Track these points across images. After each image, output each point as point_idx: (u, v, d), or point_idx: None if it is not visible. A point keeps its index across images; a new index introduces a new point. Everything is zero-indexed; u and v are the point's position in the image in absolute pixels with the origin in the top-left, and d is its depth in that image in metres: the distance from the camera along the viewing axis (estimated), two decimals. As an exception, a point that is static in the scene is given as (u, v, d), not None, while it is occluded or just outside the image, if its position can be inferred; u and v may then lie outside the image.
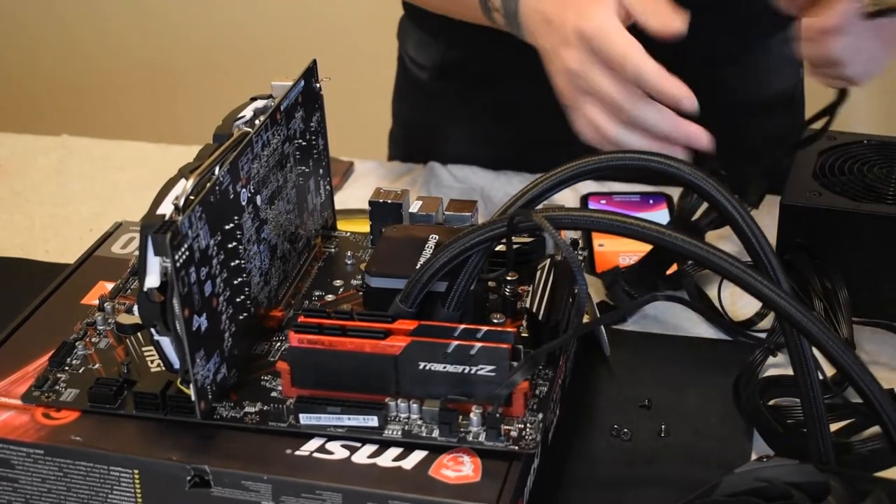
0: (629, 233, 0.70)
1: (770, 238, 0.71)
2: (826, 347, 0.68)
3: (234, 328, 0.75)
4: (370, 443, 0.70)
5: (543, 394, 0.73)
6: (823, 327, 0.68)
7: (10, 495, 0.73)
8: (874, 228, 0.88)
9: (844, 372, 0.68)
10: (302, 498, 0.69)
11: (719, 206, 0.71)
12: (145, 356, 0.77)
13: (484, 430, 0.70)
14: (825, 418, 0.70)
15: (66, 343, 0.79)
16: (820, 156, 0.96)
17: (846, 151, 0.97)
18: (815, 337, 0.68)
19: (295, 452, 0.70)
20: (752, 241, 0.70)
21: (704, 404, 0.83)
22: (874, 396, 0.68)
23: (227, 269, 0.74)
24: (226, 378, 0.74)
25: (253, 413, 0.73)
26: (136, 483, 0.71)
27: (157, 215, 0.69)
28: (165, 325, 0.70)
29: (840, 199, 0.90)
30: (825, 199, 0.90)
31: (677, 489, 0.75)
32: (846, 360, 0.68)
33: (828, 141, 0.98)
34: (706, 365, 0.87)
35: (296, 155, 0.84)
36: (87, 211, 1.13)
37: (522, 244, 0.81)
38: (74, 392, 0.75)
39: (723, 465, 0.76)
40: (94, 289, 0.87)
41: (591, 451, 0.79)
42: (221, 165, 0.73)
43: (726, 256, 0.68)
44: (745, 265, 0.68)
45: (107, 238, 0.94)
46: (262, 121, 0.78)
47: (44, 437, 0.72)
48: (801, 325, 0.68)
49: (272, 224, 0.81)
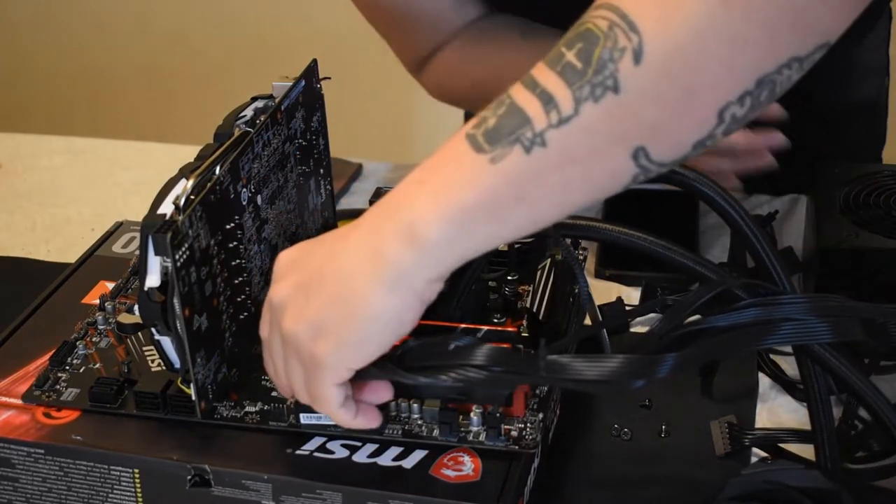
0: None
1: (797, 240, 0.70)
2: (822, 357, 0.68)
3: (234, 328, 0.75)
4: (370, 442, 0.70)
5: (544, 394, 0.73)
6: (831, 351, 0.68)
7: (10, 494, 0.74)
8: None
9: (844, 381, 0.68)
10: (302, 497, 0.69)
11: (722, 210, 0.71)
12: (146, 356, 0.77)
13: (484, 429, 0.70)
14: (832, 425, 0.70)
15: (67, 342, 0.79)
16: (841, 189, 0.93)
17: (867, 183, 0.94)
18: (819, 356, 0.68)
19: (295, 452, 0.70)
20: (757, 246, 0.70)
21: (704, 404, 0.83)
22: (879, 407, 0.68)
23: (227, 268, 0.74)
24: (226, 377, 0.74)
25: (253, 412, 0.73)
26: (137, 482, 0.71)
27: (157, 215, 0.69)
28: (166, 325, 0.70)
29: (877, 238, 0.87)
30: (864, 240, 0.87)
31: (677, 489, 0.75)
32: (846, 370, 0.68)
33: (843, 173, 0.95)
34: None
35: (296, 155, 0.84)
36: (89, 211, 1.13)
37: (522, 244, 0.81)
38: (75, 391, 0.75)
39: (723, 465, 0.76)
40: (95, 288, 0.87)
41: (591, 451, 0.79)
42: (222, 165, 0.73)
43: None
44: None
45: (107, 237, 0.94)
46: (262, 120, 0.78)
47: (44, 436, 0.72)
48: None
49: (273, 224, 0.81)
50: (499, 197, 0.59)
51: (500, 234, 0.60)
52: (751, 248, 0.70)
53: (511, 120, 0.58)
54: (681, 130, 0.57)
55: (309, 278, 0.65)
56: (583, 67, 0.56)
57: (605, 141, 0.57)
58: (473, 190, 0.59)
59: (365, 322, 0.63)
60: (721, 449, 0.77)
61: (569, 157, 0.57)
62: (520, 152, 0.58)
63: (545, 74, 0.58)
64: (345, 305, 0.63)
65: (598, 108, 0.56)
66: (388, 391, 0.68)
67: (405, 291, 0.61)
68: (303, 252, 0.67)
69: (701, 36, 0.55)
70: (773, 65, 0.56)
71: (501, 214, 0.59)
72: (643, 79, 0.55)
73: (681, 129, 0.57)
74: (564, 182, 0.58)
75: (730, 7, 0.54)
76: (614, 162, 0.58)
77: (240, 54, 2.38)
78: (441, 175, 0.60)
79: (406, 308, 0.62)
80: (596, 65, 0.56)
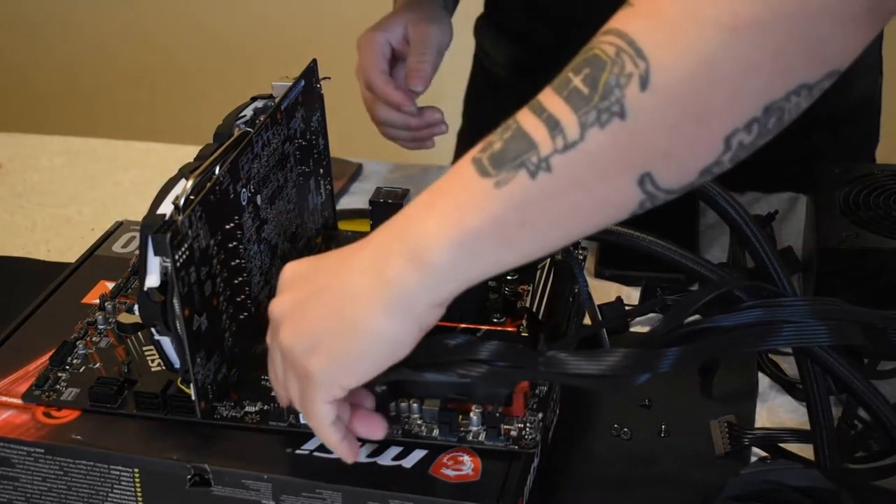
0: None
1: (797, 240, 0.70)
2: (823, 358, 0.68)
3: (234, 328, 0.75)
4: (370, 442, 0.70)
5: (543, 393, 0.73)
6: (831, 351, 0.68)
7: (10, 494, 0.74)
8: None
9: (844, 381, 0.68)
10: (302, 497, 0.69)
11: (722, 210, 0.71)
12: (146, 356, 0.77)
13: (484, 429, 0.70)
14: (831, 425, 0.70)
15: (67, 342, 0.79)
16: (841, 189, 0.93)
17: (867, 183, 0.94)
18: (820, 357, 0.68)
19: (295, 452, 0.70)
20: (757, 246, 0.70)
21: (704, 404, 0.83)
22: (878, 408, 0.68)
23: (227, 268, 0.74)
24: (226, 377, 0.74)
25: (253, 412, 0.73)
26: (137, 482, 0.71)
27: (157, 215, 0.69)
28: (166, 325, 0.70)
29: (877, 238, 0.87)
30: (864, 240, 0.87)
31: (677, 489, 0.75)
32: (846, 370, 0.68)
33: (843, 173, 0.95)
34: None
35: (296, 154, 0.84)
36: (89, 211, 1.13)
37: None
38: (75, 391, 0.75)
39: (723, 465, 0.76)
40: (95, 288, 0.87)
41: (591, 451, 0.79)
42: (222, 165, 0.73)
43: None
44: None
45: (107, 237, 0.94)
46: (262, 120, 0.78)
47: (44, 436, 0.72)
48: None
49: (272, 224, 0.81)
50: (504, 222, 0.58)
51: (505, 259, 0.60)
52: (751, 248, 0.70)
53: (516, 145, 0.57)
54: (687, 157, 0.57)
55: (312, 293, 0.64)
56: (589, 93, 0.56)
57: (611, 167, 0.57)
58: (479, 214, 0.58)
59: (361, 341, 0.62)
60: (721, 449, 0.77)
61: (574, 182, 0.57)
62: (525, 177, 0.57)
63: (552, 99, 0.57)
64: (343, 323, 0.62)
65: (604, 133, 0.56)
66: (381, 430, 0.68)
67: (406, 314, 0.61)
68: (310, 267, 0.66)
69: (709, 63, 0.54)
70: (782, 92, 0.55)
71: (507, 239, 0.59)
72: (650, 105, 0.55)
73: (687, 156, 0.56)
74: (570, 208, 0.58)
75: (739, 34, 0.53)
76: (620, 188, 0.57)
77: (240, 54, 2.38)
78: (448, 198, 0.60)
79: (404, 332, 0.62)
80: (602, 90, 0.55)
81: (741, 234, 0.70)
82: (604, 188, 0.57)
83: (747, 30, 0.53)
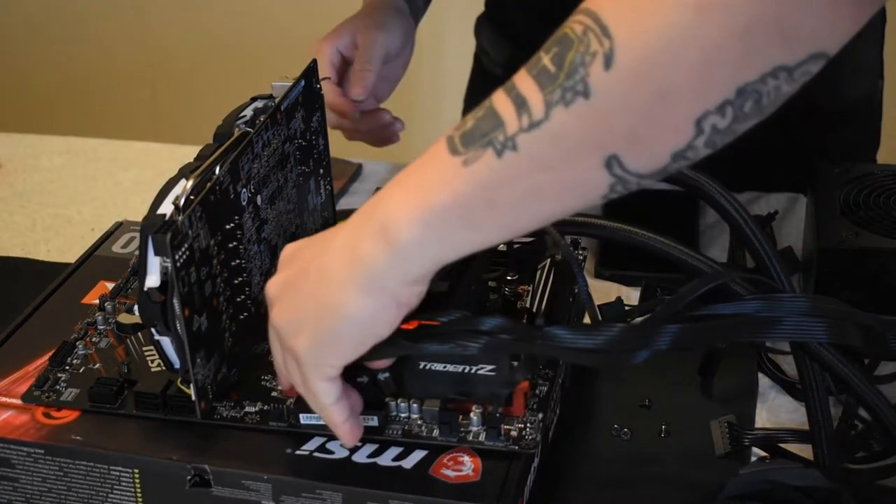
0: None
1: (797, 240, 0.70)
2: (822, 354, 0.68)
3: (234, 328, 0.75)
4: (370, 443, 0.70)
5: (544, 393, 0.73)
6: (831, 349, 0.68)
7: (10, 494, 0.74)
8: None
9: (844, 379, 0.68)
10: (302, 497, 0.69)
11: (722, 210, 0.71)
12: (146, 356, 0.77)
13: (484, 429, 0.70)
14: (830, 423, 0.70)
15: (67, 343, 0.79)
16: (841, 189, 0.93)
17: (867, 183, 0.94)
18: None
19: (295, 452, 0.70)
20: (757, 246, 0.70)
21: (704, 404, 0.83)
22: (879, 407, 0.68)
23: (227, 268, 0.74)
24: (226, 378, 0.74)
25: (253, 413, 0.73)
26: (137, 482, 0.71)
27: (157, 215, 0.69)
28: (166, 325, 0.70)
29: (877, 238, 0.87)
30: (864, 240, 0.87)
31: (677, 489, 0.75)
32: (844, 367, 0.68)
33: (843, 173, 0.95)
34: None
35: (296, 155, 0.84)
36: (89, 211, 1.13)
37: (522, 244, 0.81)
38: (75, 392, 0.75)
39: (723, 465, 0.76)
40: (95, 288, 0.87)
41: (591, 451, 0.79)
42: (222, 165, 0.73)
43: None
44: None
45: (107, 237, 0.94)
46: (262, 121, 0.78)
47: (44, 436, 0.72)
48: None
49: (273, 224, 0.81)
50: (470, 200, 0.58)
51: (473, 239, 0.60)
52: (751, 248, 0.70)
53: (486, 123, 0.57)
54: (655, 139, 0.55)
55: (299, 272, 0.65)
56: (555, 72, 0.55)
57: (576, 147, 0.56)
58: (445, 192, 0.58)
59: (338, 321, 0.63)
60: (721, 449, 0.77)
61: (539, 162, 0.56)
62: (492, 156, 0.57)
63: (522, 78, 0.57)
64: (321, 303, 0.63)
65: (568, 113, 0.55)
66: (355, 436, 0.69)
67: (379, 293, 0.61)
68: (303, 246, 0.67)
69: (673, 42, 0.53)
70: (754, 74, 0.54)
71: (473, 219, 0.58)
72: (614, 84, 0.54)
73: (655, 138, 0.55)
74: (536, 189, 0.57)
75: (704, 14, 0.52)
76: (586, 170, 0.56)
77: (240, 54, 2.38)
78: (417, 176, 0.60)
79: (380, 310, 0.62)
80: (568, 69, 0.55)
81: (741, 233, 0.70)
82: (570, 169, 0.56)
83: (712, 9, 0.52)
